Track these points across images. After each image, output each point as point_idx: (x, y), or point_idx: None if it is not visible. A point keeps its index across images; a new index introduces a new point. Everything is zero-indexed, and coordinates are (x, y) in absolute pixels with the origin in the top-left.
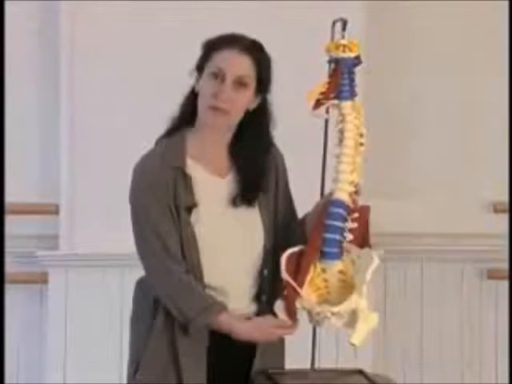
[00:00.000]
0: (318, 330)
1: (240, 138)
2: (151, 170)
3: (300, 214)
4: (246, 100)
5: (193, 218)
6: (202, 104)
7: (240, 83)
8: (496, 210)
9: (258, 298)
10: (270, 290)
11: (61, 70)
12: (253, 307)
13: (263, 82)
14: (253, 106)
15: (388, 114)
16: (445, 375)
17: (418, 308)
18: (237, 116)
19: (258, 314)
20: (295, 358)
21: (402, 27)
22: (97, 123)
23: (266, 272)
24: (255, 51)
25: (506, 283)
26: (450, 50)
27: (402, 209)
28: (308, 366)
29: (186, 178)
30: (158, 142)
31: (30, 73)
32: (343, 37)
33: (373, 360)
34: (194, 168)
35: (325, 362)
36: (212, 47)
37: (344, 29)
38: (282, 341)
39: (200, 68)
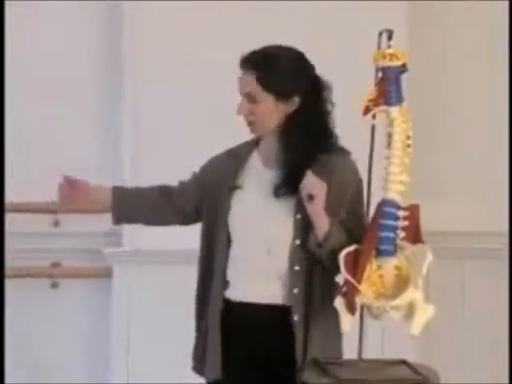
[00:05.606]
0: (364, 323)
1: (288, 135)
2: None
3: None
4: (264, 110)
5: (234, 198)
6: None
7: (251, 98)
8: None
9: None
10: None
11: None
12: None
13: (280, 91)
14: (289, 110)
15: None
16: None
17: None
18: (265, 123)
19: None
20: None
21: (441, 37)
22: None
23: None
24: (258, 66)
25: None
26: (489, 56)
27: None
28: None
29: (238, 163)
30: None
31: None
32: (389, 46)
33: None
34: (255, 159)
35: (371, 354)
36: None
37: (390, 39)
38: (338, 331)
39: None
